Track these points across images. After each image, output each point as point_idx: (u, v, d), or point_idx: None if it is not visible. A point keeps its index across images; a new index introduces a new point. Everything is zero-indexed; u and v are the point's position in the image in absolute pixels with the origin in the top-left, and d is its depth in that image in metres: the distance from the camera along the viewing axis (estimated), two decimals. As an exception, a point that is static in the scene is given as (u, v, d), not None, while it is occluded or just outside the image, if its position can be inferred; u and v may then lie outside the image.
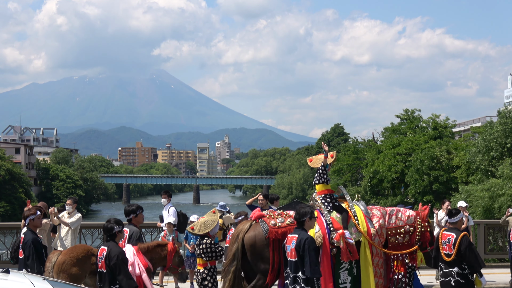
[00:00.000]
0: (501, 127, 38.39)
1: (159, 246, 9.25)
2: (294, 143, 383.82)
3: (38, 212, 9.13)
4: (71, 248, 9.89)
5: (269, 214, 9.50)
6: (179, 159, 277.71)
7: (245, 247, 9.14)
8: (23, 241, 8.86)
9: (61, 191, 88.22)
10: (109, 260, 7.71)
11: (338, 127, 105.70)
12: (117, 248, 7.84)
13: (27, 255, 8.73)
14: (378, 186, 54.42)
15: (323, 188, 10.03)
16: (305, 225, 8.25)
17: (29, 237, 8.83)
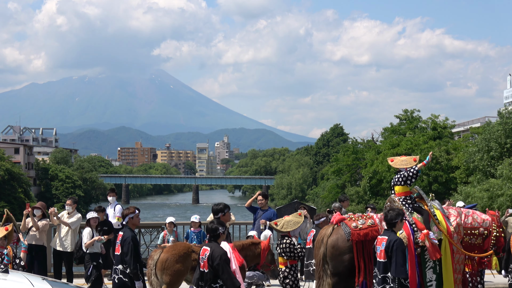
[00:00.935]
0: (501, 127, 38.43)
1: (253, 244, 9.83)
2: (294, 143, 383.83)
3: (136, 211, 9.41)
4: (172, 246, 10.19)
5: (350, 217, 9.76)
6: (179, 159, 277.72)
7: (328, 250, 9.44)
8: (121, 238, 9.09)
9: (61, 191, 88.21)
10: (212, 261, 7.86)
11: (338, 127, 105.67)
12: (220, 249, 8.00)
13: (126, 252, 8.96)
14: (378, 186, 54.44)
15: (403, 190, 10.09)
16: (396, 227, 8.56)
17: (128, 234, 9.08)
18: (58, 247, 12.44)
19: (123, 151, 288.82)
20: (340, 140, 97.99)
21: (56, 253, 12.56)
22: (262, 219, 13.10)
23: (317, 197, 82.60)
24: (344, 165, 64.11)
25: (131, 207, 9.51)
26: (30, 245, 12.09)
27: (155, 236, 15.44)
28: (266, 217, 13.19)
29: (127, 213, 9.34)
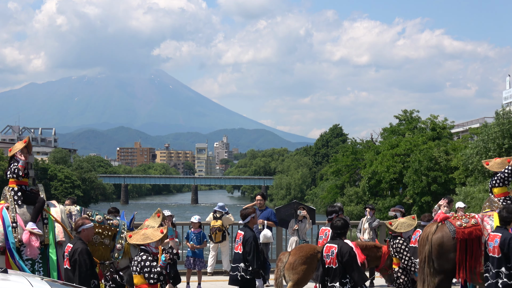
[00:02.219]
0: (499, 128, 38.46)
1: (375, 247, 10.28)
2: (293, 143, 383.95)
3: (256, 212, 9.84)
4: (298, 248, 10.57)
5: (454, 216, 10.00)
6: (178, 160, 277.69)
7: (432, 248, 9.65)
8: (243, 238, 9.31)
9: (60, 191, 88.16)
10: (341, 257, 8.11)
11: (337, 127, 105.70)
12: (347, 246, 8.23)
13: (248, 251, 9.22)
14: (377, 186, 54.49)
15: (502, 191, 10.31)
16: (511, 225, 8.90)
17: (250, 234, 9.36)
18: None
19: (122, 151, 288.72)
20: (339, 141, 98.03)
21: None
22: (260, 218, 13.12)
23: (316, 198, 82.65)
24: (343, 165, 64.16)
25: (250, 207, 10.01)
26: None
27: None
28: (264, 217, 13.21)
29: (247, 213, 9.61)
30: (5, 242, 8.47)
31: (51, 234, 8.76)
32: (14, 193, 8.88)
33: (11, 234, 8.54)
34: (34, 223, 8.68)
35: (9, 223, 8.57)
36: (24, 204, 8.84)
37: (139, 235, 7.71)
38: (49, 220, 8.87)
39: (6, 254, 8.46)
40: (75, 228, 8.10)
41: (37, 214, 8.79)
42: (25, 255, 8.55)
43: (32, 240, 8.53)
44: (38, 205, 8.86)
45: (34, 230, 8.57)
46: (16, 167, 8.95)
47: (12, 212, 8.70)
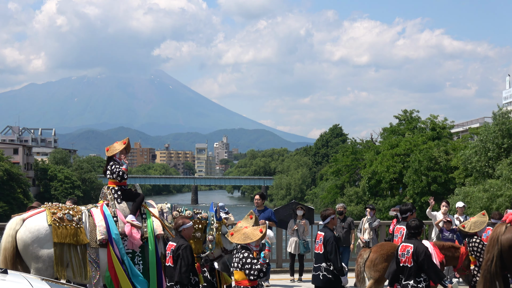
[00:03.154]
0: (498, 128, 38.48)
1: (453, 247, 10.53)
2: (293, 143, 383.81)
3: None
4: (379, 246, 10.96)
5: None
6: (178, 160, 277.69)
7: (502, 249, 9.72)
8: (324, 238, 9.66)
9: (60, 192, 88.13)
10: (416, 256, 8.40)
11: (337, 127, 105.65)
12: (422, 245, 8.52)
13: (329, 251, 9.55)
14: (377, 186, 54.48)
15: None
16: None
17: (330, 234, 9.71)
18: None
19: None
20: (339, 141, 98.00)
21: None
22: (261, 219, 13.12)
23: (316, 198, 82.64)
24: (343, 165, 64.14)
25: (330, 209, 10.27)
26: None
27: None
28: (265, 217, 13.22)
29: (327, 214, 9.92)
30: (107, 234, 8.82)
31: (149, 228, 9.09)
32: (114, 192, 9.34)
33: (114, 226, 8.91)
34: (134, 216, 9.09)
35: (110, 217, 8.98)
36: (123, 200, 9.27)
37: (240, 234, 8.01)
38: (147, 215, 9.25)
39: (108, 246, 8.81)
40: (176, 228, 8.51)
41: (136, 208, 9.20)
42: (126, 248, 8.90)
43: (134, 233, 8.91)
44: (138, 200, 9.28)
45: (134, 222, 8.98)
46: (120, 169, 9.38)
47: (112, 207, 9.15)
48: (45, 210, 8.82)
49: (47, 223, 8.59)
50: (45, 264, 8.47)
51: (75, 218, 8.83)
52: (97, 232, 8.83)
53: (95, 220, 8.96)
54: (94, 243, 8.81)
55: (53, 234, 8.51)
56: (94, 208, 9.23)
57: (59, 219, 8.64)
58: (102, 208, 9.14)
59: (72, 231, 8.65)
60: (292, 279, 14.26)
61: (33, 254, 8.49)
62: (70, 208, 9.00)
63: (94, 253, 8.77)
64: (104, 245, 8.85)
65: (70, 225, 8.69)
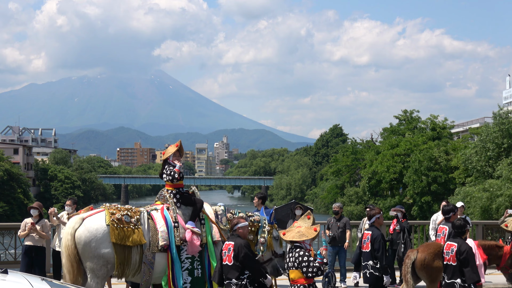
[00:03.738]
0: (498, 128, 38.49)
1: (497, 246, 10.76)
2: (293, 143, 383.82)
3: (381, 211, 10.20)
4: (425, 246, 11.04)
5: None
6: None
7: None
8: (371, 237, 9.82)
9: (60, 192, 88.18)
10: (459, 255, 8.62)
11: (337, 127, 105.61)
12: (466, 244, 8.71)
13: (377, 248, 9.74)
14: (377, 187, 54.46)
15: None
16: None
17: (378, 233, 9.87)
18: (57, 248, 12.41)
19: (122, 151, 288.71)
20: (339, 141, 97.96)
21: (55, 253, 12.53)
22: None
23: (316, 198, 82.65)
24: (343, 165, 64.11)
25: (377, 208, 10.38)
26: (29, 246, 12.08)
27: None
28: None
29: (373, 213, 10.07)
30: (169, 240, 9.03)
31: (208, 233, 9.35)
32: (173, 195, 9.48)
33: (173, 232, 9.11)
34: (193, 223, 9.29)
35: (171, 223, 9.14)
36: (183, 205, 9.45)
37: (294, 233, 8.13)
38: (206, 220, 9.48)
39: (168, 252, 9.02)
40: (232, 227, 8.57)
41: (196, 214, 9.41)
42: (186, 253, 9.13)
43: (194, 239, 9.12)
44: (198, 206, 9.48)
45: (194, 229, 9.18)
46: (172, 170, 9.51)
47: (173, 212, 9.30)
48: (104, 210, 9.00)
49: (105, 223, 8.77)
50: (99, 264, 8.67)
51: (133, 219, 8.99)
52: (159, 237, 9.02)
53: (157, 224, 9.13)
54: (155, 248, 8.99)
55: (111, 235, 8.69)
56: (154, 211, 9.33)
57: (117, 220, 8.82)
58: (163, 212, 9.29)
59: (129, 232, 8.82)
60: (292, 279, 14.22)
61: (90, 253, 8.69)
62: (129, 209, 9.16)
63: (151, 255, 8.95)
64: (165, 250, 9.06)
65: (128, 226, 8.86)
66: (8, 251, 14.85)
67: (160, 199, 9.67)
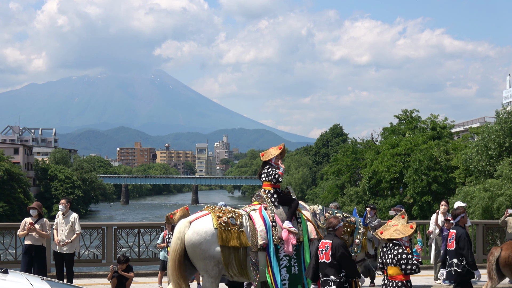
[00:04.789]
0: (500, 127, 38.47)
1: None
2: (293, 143, 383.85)
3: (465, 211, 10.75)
4: (509, 243, 11.36)
5: None
6: (178, 160, 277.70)
7: None
8: (456, 235, 10.33)
9: (60, 192, 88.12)
10: None
11: (337, 127, 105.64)
12: None
13: (462, 247, 10.20)
14: (377, 186, 54.47)
15: None
16: None
17: (462, 231, 10.33)
18: (57, 249, 12.40)
19: (123, 151, 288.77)
20: (339, 140, 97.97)
21: (56, 253, 12.53)
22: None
23: (316, 197, 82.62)
24: (343, 165, 64.10)
25: (460, 207, 10.87)
26: (29, 246, 12.09)
27: (155, 236, 15.43)
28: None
29: (458, 213, 10.60)
30: (267, 239, 9.31)
31: (304, 232, 9.63)
32: (270, 195, 9.76)
33: (270, 232, 9.40)
34: (290, 222, 9.53)
35: (269, 222, 9.42)
36: (280, 205, 9.71)
37: (392, 231, 8.38)
38: (302, 219, 9.74)
39: (267, 250, 9.31)
40: (331, 226, 8.82)
41: (292, 214, 9.67)
42: (283, 252, 9.40)
43: (290, 238, 9.39)
44: (294, 206, 9.74)
45: (291, 229, 9.43)
46: (277, 173, 9.83)
47: (271, 212, 9.57)
48: (210, 213, 9.33)
49: (213, 226, 9.08)
50: (211, 264, 8.99)
51: (237, 222, 9.27)
52: (258, 236, 9.31)
53: (256, 224, 9.42)
54: (254, 247, 9.28)
55: (219, 237, 9.00)
56: (253, 211, 9.62)
57: (224, 223, 9.12)
58: (261, 212, 9.57)
59: (236, 234, 9.13)
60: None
61: (201, 255, 9.01)
62: (232, 212, 9.44)
63: (255, 256, 9.23)
64: (264, 249, 9.33)
65: (234, 228, 9.16)
66: (8, 251, 14.85)
67: (257, 199, 9.93)
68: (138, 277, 13.77)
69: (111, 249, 15.26)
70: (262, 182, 9.97)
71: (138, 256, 15.34)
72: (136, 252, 15.35)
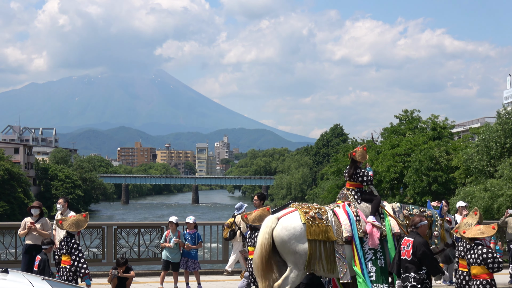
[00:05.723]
0: (500, 127, 38.46)
1: None
2: (294, 143, 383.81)
3: None
4: None
5: None
6: (178, 159, 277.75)
7: None
8: None
9: (60, 191, 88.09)
10: None
11: (338, 127, 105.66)
12: None
13: None
14: (377, 186, 54.38)
15: None
16: None
17: None
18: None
19: (123, 151, 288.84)
20: (339, 140, 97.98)
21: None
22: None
23: (316, 197, 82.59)
24: (344, 165, 64.01)
25: None
26: (29, 245, 12.09)
27: (155, 236, 15.43)
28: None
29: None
30: (351, 232, 9.73)
31: (387, 227, 10.01)
32: (354, 193, 10.29)
33: (355, 225, 9.85)
34: (374, 217, 9.99)
35: (353, 216, 9.88)
36: (363, 202, 10.22)
37: (475, 231, 8.64)
38: (385, 214, 10.18)
39: (352, 243, 9.71)
40: (414, 224, 9.14)
41: (375, 209, 10.11)
42: (368, 245, 9.83)
43: (374, 232, 9.80)
44: (376, 202, 10.19)
45: (374, 223, 9.87)
46: (368, 175, 10.38)
47: (354, 207, 10.07)
48: (297, 209, 9.70)
49: (301, 221, 9.48)
50: (301, 258, 9.34)
51: (323, 217, 9.66)
52: (343, 229, 9.71)
53: (340, 218, 9.83)
54: (340, 240, 9.66)
55: (307, 232, 9.41)
56: (337, 207, 10.04)
57: (311, 218, 9.53)
58: (344, 208, 10.02)
59: (323, 228, 9.53)
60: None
61: (290, 250, 9.39)
62: (318, 208, 9.83)
63: (341, 249, 9.60)
64: (349, 242, 9.73)
65: (321, 223, 9.56)
66: (8, 250, 14.86)
67: (341, 198, 10.40)
68: (138, 277, 13.78)
69: (111, 248, 15.27)
70: (346, 181, 10.48)
71: (139, 256, 15.35)
72: (136, 252, 15.35)
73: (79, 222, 10.48)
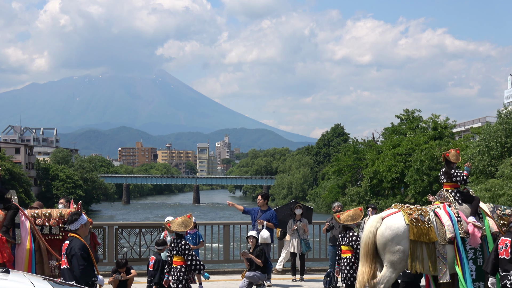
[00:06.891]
0: (501, 127, 38.43)
1: None
2: (294, 143, 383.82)
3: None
4: None
5: None
6: (179, 159, 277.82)
7: None
8: None
9: (61, 191, 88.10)
10: None
11: (338, 127, 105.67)
12: None
13: None
14: (378, 186, 54.50)
15: None
16: None
17: None
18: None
19: (124, 151, 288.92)
20: (340, 140, 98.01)
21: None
22: (261, 219, 13.16)
23: (317, 197, 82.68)
24: (344, 165, 64.12)
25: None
26: (31, 245, 12.09)
27: (156, 236, 15.44)
28: (265, 218, 13.24)
29: None
30: (454, 232, 9.98)
31: (486, 226, 10.24)
32: (454, 194, 10.55)
33: (457, 226, 10.11)
34: (474, 217, 10.21)
35: (454, 217, 10.14)
36: (463, 202, 10.45)
37: None
38: (483, 215, 10.39)
39: (455, 243, 9.96)
40: (509, 224, 9.20)
41: (475, 210, 10.37)
42: (469, 245, 10.09)
43: (475, 232, 10.04)
44: (476, 202, 10.44)
45: (476, 223, 10.10)
46: (461, 175, 10.59)
47: (454, 208, 10.32)
48: (400, 211, 10.04)
49: (405, 222, 9.79)
50: (400, 258, 9.66)
51: (425, 218, 10.00)
52: (446, 230, 9.99)
53: (442, 219, 10.11)
54: (443, 240, 9.95)
55: (410, 233, 9.72)
56: (438, 208, 10.34)
57: (414, 219, 9.86)
58: (445, 208, 10.29)
59: (425, 230, 9.85)
60: (294, 279, 14.22)
61: (391, 249, 9.71)
62: (421, 209, 10.18)
63: (443, 249, 9.91)
64: (451, 242, 9.98)
65: (423, 224, 9.89)
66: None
67: (439, 199, 10.71)
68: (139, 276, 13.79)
69: (112, 248, 15.28)
70: (443, 183, 10.75)
71: (140, 256, 15.36)
72: (137, 252, 15.37)
73: (186, 222, 10.69)
